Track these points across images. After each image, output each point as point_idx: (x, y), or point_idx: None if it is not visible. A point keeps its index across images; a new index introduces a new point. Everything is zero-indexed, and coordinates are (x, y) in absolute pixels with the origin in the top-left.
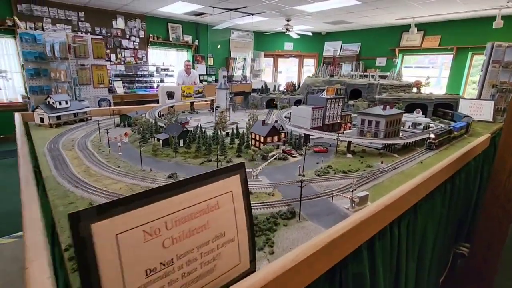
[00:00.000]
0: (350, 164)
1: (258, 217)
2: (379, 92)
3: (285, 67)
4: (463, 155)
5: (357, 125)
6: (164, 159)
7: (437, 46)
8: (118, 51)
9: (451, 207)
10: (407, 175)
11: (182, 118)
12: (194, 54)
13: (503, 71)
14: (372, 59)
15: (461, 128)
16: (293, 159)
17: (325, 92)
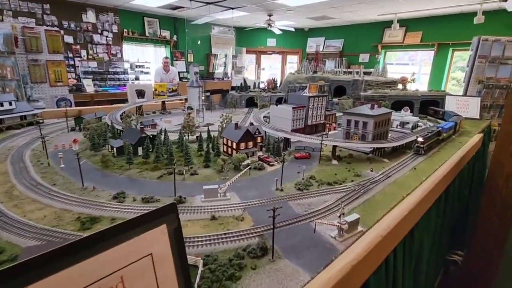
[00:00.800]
0: (336, 172)
1: (218, 257)
2: (364, 89)
3: (269, 64)
4: (459, 161)
5: (343, 126)
6: (115, 173)
7: (418, 42)
8: (90, 47)
9: (446, 215)
10: (400, 185)
11: (148, 120)
12: (172, 50)
13: (489, 66)
14: (355, 56)
15: (449, 129)
16: (271, 168)
17: (307, 90)
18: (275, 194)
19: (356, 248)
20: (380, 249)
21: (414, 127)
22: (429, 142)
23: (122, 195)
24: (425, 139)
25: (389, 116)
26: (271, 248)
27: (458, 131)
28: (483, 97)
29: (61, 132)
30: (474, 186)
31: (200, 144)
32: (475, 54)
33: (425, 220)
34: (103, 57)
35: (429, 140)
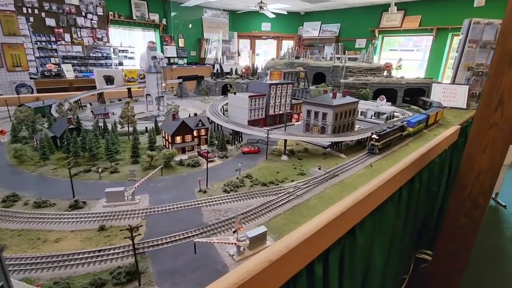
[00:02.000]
0: (280, 170)
1: (70, 284)
2: (345, 75)
3: (263, 50)
4: (425, 154)
5: (303, 117)
6: (27, 170)
7: (417, 26)
8: (74, 30)
9: (409, 214)
10: (345, 186)
11: (100, 109)
12: (162, 34)
13: (480, 52)
14: (352, 41)
15: (418, 123)
16: (209, 165)
17: (269, 76)
18: (196, 196)
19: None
20: (295, 257)
21: (388, 118)
22: (387, 139)
23: (13, 198)
24: (380, 136)
25: (355, 106)
26: (144, 271)
27: (436, 122)
28: (472, 85)
29: (3, 121)
30: (450, 182)
31: (136, 137)
32: (466, 38)
33: (377, 219)
34: (82, 41)
35: (386, 137)
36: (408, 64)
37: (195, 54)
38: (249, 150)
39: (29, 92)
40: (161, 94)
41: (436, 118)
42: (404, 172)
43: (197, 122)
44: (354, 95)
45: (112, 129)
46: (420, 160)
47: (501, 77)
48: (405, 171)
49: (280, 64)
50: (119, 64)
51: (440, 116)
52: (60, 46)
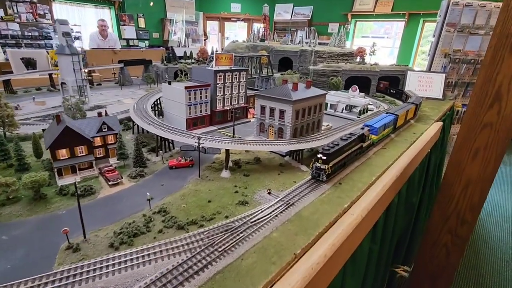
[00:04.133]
0: (213, 197)
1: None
2: (314, 61)
3: (234, 33)
4: (408, 167)
5: (256, 114)
6: None
7: (389, 11)
8: (8, 5)
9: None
10: (304, 222)
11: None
12: (118, 13)
13: (458, 37)
14: (325, 25)
15: (384, 127)
16: (110, 190)
17: (214, 61)
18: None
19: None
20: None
21: (362, 112)
22: (340, 158)
23: None
24: (328, 156)
25: (321, 100)
26: None
27: (407, 122)
28: (448, 73)
29: None
30: (429, 185)
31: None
32: (443, 21)
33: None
34: (20, 17)
35: (338, 154)
36: (379, 52)
37: (158, 36)
38: (177, 163)
39: None
40: (82, 82)
41: (406, 117)
42: (385, 197)
43: (99, 126)
44: (325, 84)
45: None
46: (402, 176)
47: (499, 65)
48: (386, 196)
49: (242, 48)
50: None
51: (411, 114)
52: None
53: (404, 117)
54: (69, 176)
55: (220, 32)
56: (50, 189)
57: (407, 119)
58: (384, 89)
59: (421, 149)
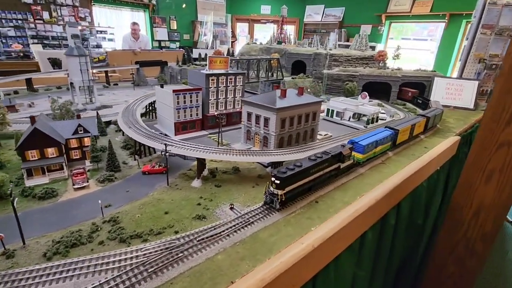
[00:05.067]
0: (172, 209)
1: None
2: (329, 65)
3: (262, 35)
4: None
5: (243, 121)
6: None
7: (428, 12)
8: (53, 8)
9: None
10: (259, 246)
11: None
12: (152, 15)
13: (495, 40)
14: (356, 27)
15: (376, 144)
16: (77, 193)
17: (208, 65)
18: None
19: None
20: None
21: (371, 121)
22: (301, 183)
23: None
24: (283, 180)
25: (316, 108)
26: None
27: (414, 138)
28: (483, 80)
29: None
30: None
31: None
32: (478, 22)
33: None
34: (63, 19)
35: (298, 178)
36: (421, 55)
37: (188, 37)
38: (151, 169)
39: None
40: (89, 83)
41: (413, 133)
42: (373, 209)
43: (75, 129)
44: (339, 89)
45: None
46: (400, 188)
47: None
48: (375, 208)
49: (255, 50)
50: (96, 46)
51: (419, 128)
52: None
53: (408, 132)
54: (39, 177)
55: (249, 33)
56: (16, 189)
57: (414, 134)
58: (412, 98)
59: (426, 164)
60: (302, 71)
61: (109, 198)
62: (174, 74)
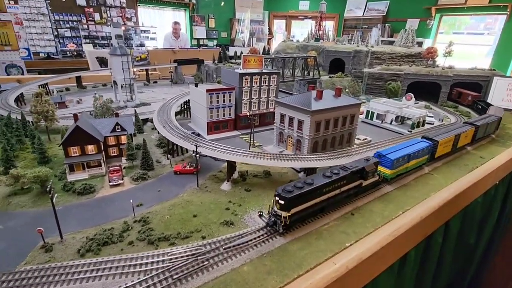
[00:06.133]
0: (200, 212)
1: None
2: (371, 63)
3: (300, 32)
4: (459, 195)
5: (276, 122)
6: None
7: (486, 3)
8: (103, 10)
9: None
10: (280, 267)
11: (56, 97)
12: (191, 14)
13: None
14: (402, 21)
15: (408, 158)
16: (108, 191)
17: (242, 64)
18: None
19: None
20: None
21: (417, 125)
22: (309, 204)
23: None
24: (290, 200)
25: (354, 110)
26: None
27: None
28: None
29: None
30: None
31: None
32: None
33: None
34: (111, 20)
35: (304, 199)
36: (477, 51)
37: (226, 35)
38: (182, 169)
39: (19, 73)
40: (130, 81)
41: (457, 144)
42: (418, 227)
43: (113, 127)
44: (381, 89)
45: (5, 130)
46: (450, 204)
47: None
48: (419, 226)
49: (292, 48)
50: (140, 45)
51: (466, 139)
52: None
53: (451, 144)
54: (80, 173)
55: (286, 30)
56: (59, 184)
57: (459, 146)
58: (471, 102)
59: (483, 178)
60: (341, 69)
61: (141, 197)
62: (210, 72)
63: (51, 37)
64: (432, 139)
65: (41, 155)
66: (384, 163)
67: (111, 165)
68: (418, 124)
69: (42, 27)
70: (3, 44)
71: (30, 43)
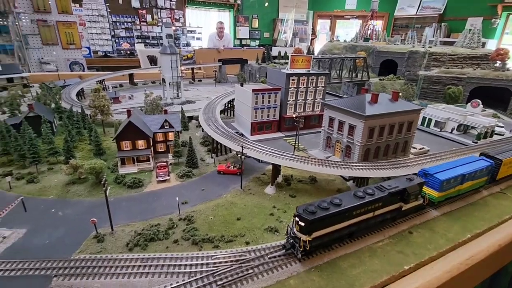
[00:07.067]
0: (244, 215)
1: None
2: (428, 65)
3: (344, 32)
4: None
5: (324, 126)
6: None
7: None
8: (154, 11)
9: None
10: (330, 285)
11: (111, 92)
12: (236, 14)
13: None
14: (461, 20)
15: (461, 179)
16: (155, 186)
17: (289, 64)
18: (80, 246)
19: None
20: None
21: (484, 136)
22: (334, 228)
23: None
24: (311, 223)
25: (412, 117)
26: None
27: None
28: None
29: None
30: None
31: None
32: None
33: None
34: (161, 21)
35: (328, 222)
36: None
37: (268, 35)
38: (225, 169)
39: (81, 70)
40: (178, 79)
41: None
42: (495, 256)
43: (162, 123)
44: (438, 94)
45: (67, 123)
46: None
47: None
48: (497, 255)
49: (339, 48)
50: (186, 45)
51: None
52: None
53: None
54: (130, 166)
55: (330, 30)
56: (111, 176)
57: None
58: None
59: None
60: (392, 71)
61: (186, 194)
62: (253, 72)
63: (108, 37)
64: (493, 157)
65: (96, 147)
66: (431, 184)
67: (159, 161)
68: (486, 135)
69: (101, 28)
70: (68, 43)
71: (91, 43)
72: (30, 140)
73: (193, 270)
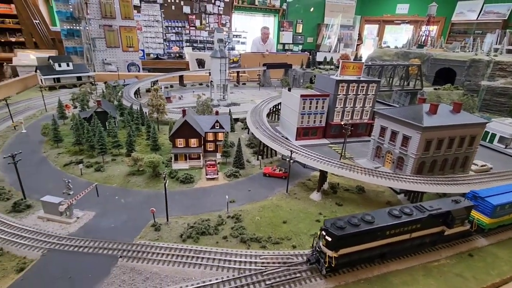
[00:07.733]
0: (290, 219)
1: None
2: (492, 75)
3: (393, 37)
4: None
5: (374, 135)
6: (42, 150)
7: None
8: (203, 17)
9: None
10: None
11: (164, 93)
12: (280, 19)
13: None
14: None
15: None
16: (204, 184)
17: (339, 70)
18: (139, 233)
19: None
20: None
21: None
22: (366, 247)
23: None
24: (339, 239)
25: (475, 131)
26: None
27: None
28: None
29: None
30: None
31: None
32: None
33: None
34: (209, 26)
35: (359, 239)
36: None
37: (312, 40)
38: (271, 172)
39: (137, 71)
40: (225, 82)
41: None
42: None
43: (213, 124)
44: (503, 107)
45: (129, 119)
46: None
47: None
48: None
49: (390, 55)
50: (231, 49)
51: None
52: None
53: None
54: (182, 163)
55: (377, 36)
56: (166, 170)
57: None
58: None
59: None
60: (449, 80)
61: (233, 194)
62: (297, 77)
63: (161, 41)
64: None
65: (153, 143)
66: (482, 208)
67: (208, 159)
68: None
69: (155, 32)
70: (128, 46)
71: (145, 46)
72: (100, 133)
73: (242, 267)
